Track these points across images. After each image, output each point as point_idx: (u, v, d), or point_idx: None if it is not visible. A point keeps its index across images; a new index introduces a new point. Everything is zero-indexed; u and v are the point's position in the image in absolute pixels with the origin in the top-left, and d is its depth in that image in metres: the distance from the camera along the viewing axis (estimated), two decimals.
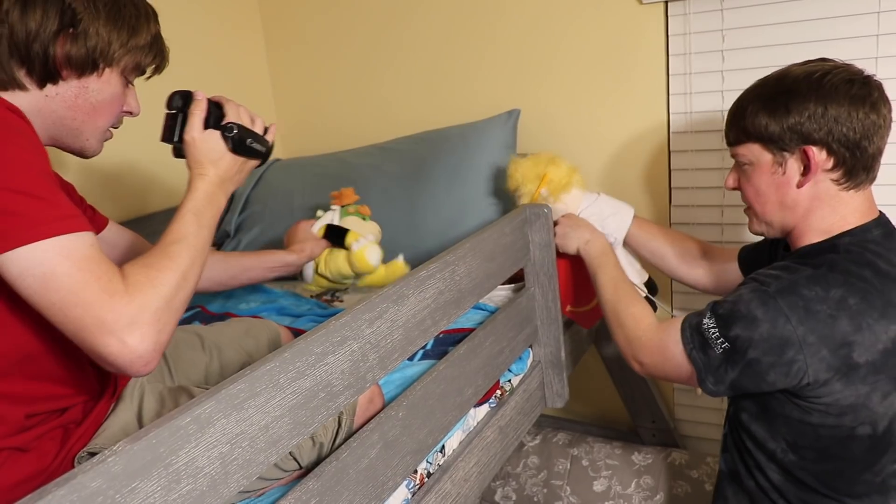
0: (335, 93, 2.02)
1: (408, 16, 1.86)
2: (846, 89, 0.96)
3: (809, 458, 1.00)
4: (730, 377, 0.98)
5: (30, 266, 0.65)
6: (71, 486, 0.50)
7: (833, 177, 0.99)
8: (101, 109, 0.87)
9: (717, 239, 1.60)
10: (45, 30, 0.79)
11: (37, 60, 0.80)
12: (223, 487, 0.63)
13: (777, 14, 1.43)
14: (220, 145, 0.89)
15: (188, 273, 0.76)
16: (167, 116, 0.91)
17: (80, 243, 0.68)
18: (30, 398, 0.76)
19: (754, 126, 1.01)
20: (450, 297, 1.00)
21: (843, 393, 0.94)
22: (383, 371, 0.85)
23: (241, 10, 2.02)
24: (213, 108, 0.91)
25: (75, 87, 0.84)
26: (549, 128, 1.71)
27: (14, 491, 0.73)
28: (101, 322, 0.66)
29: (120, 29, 0.84)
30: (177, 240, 0.78)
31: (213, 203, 0.86)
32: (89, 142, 0.88)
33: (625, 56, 1.61)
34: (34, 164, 0.69)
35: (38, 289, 0.66)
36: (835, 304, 0.92)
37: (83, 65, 0.83)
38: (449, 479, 0.99)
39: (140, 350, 0.67)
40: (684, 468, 1.62)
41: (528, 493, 1.71)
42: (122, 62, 0.86)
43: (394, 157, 1.69)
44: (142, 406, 0.87)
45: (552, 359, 1.32)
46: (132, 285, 0.69)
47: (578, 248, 1.30)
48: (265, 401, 0.67)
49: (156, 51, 0.90)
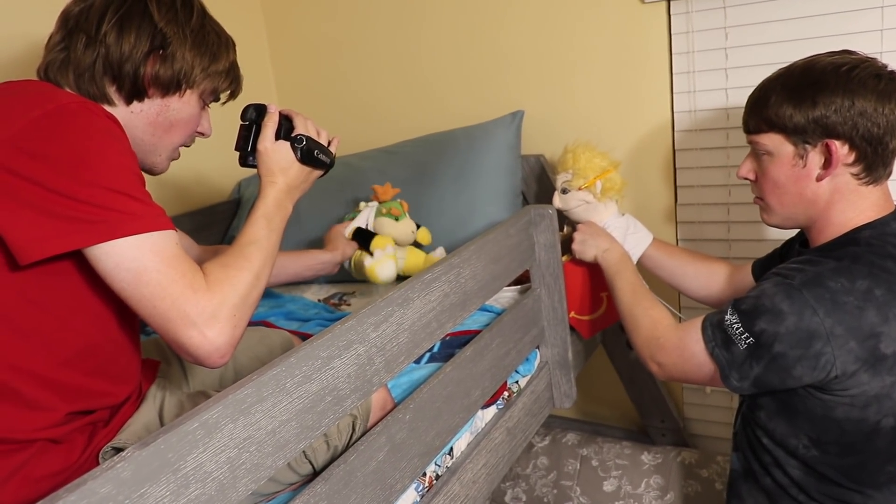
0: (339, 97, 2.03)
1: (411, 19, 1.86)
2: (874, 84, 0.95)
3: (833, 453, 1.00)
4: (755, 372, 0.97)
5: (124, 260, 0.71)
6: (81, 492, 0.51)
7: (853, 171, 0.99)
8: (178, 128, 0.93)
9: (724, 237, 1.60)
10: (137, 51, 0.86)
11: (127, 79, 0.86)
12: (231, 492, 0.63)
13: (780, 10, 1.42)
14: (289, 155, 0.96)
15: (261, 273, 0.82)
16: (241, 127, 0.98)
17: (169, 241, 0.74)
18: (78, 392, 0.79)
19: (778, 116, 1.00)
20: (455, 300, 1.00)
21: (870, 384, 0.93)
22: (389, 374, 0.86)
23: (245, 12, 2.03)
24: (283, 120, 0.97)
25: (158, 105, 0.90)
26: (554, 128, 1.71)
27: (41, 483, 0.75)
28: (185, 315, 0.72)
29: (203, 55, 0.91)
30: (250, 242, 0.84)
31: (282, 209, 0.92)
32: (160, 157, 0.94)
33: (628, 55, 1.60)
34: (130, 167, 0.76)
35: (130, 282, 0.71)
36: (861, 295, 0.91)
37: (168, 85, 0.89)
38: (457, 480, 0.99)
39: (218, 342, 0.73)
40: (694, 467, 1.61)
41: (538, 493, 1.71)
42: (201, 85, 0.92)
43: (399, 161, 1.69)
44: (163, 406, 0.89)
45: (559, 359, 1.32)
46: (213, 283, 0.75)
47: (596, 256, 1.30)
48: (272, 405, 0.68)
49: (232, 77, 0.97)
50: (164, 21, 0.87)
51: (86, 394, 0.80)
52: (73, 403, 0.78)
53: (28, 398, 0.74)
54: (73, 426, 0.78)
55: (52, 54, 0.87)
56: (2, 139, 0.70)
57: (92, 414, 0.81)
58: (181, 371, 1.07)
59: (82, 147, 0.72)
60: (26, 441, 0.74)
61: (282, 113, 0.98)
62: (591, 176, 1.35)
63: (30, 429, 0.74)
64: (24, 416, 0.74)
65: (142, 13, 0.86)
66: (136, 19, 0.86)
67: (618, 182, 1.38)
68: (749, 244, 1.57)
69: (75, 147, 0.72)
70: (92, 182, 0.71)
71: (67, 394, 0.77)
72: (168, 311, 0.72)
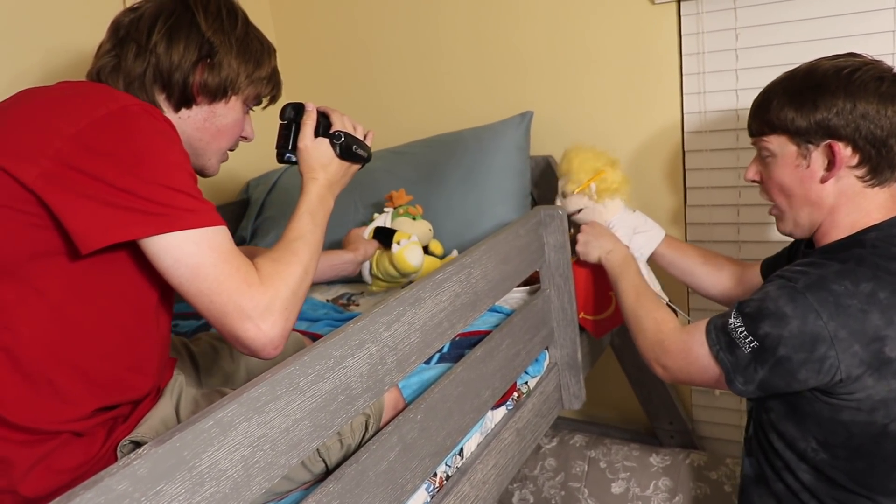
0: (348, 98, 2.03)
1: (421, 21, 1.86)
2: (876, 87, 0.95)
3: (841, 457, 0.99)
4: (759, 376, 0.96)
5: (183, 256, 0.74)
6: (98, 489, 0.51)
7: (858, 173, 0.98)
8: (224, 133, 0.96)
9: (734, 238, 1.59)
10: (185, 61, 0.89)
11: (176, 87, 0.90)
12: (245, 490, 0.63)
13: (791, 11, 1.42)
14: (329, 152, 0.99)
15: (308, 267, 0.85)
16: (281, 126, 1.01)
17: (224, 237, 0.77)
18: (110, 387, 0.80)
19: (780, 119, 1.00)
20: (466, 300, 1.00)
21: (875, 388, 0.92)
22: (401, 374, 0.86)
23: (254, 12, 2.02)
24: (320, 117, 1.00)
25: (205, 112, 0.93)
26: (563, 129, 1.71)
27: (61, 475, 0.76)
28: (241, 309, 0.75)
29: (247, 62, 0.94)
30: (297, 237, 0.87)
31: (324, 204, 0.95)
32: (210, 161, 0.97)
33: (637, 56, 1.60)
34: (186, 167, 0.79)
35: (189, 277, 0.74)
36: (865, 298, 0.90)
37: (215, 92, 0.92)
38: (467, 481, 0.99)
39: (271, 335, 0.77)
40: (703, 469, 1.61)
41: (545, 495, 1.70)
42: (245, 91, 0.95)
43: (407, 161, 1.70)
44: (179, 402, 0.90)
45: (569, 360, 1.32)
46: (265, 277, 0.78)
47: (600, 258, 1.30)
48: (285, 404, 0.68)
49: (274, 83, 1.00)
50: (211, 30, 0.90)
51: (117, 388, 0.81)
52: (102, 399, 0.79)
53: (61, 390, 0.75)
54: (97, 420, 0.79)
55: (103, 60, 0.90)
56: (67, 135, 0.73)
57: (116, 409, 0.82)
58: (193, 370, 1.07)
59: (143, 146, 0.75)
60: (52, 432, 0.75)
61: (319, 110, 1.00)
62: (583, 179, 1.35)
63: (57, 420, 0.75)
64: (53, 408, 0.75)
65: (190, 23, 0.90)
66: (185, 29, 0.89)
67: (616, 180, 1.35)
68: (759, 246, 1.57)
69: (136, 146, 0.75)
70: (152, 179, 0.74)
71: (99, 388, 0.79)
72: (225, 305, 0.75)
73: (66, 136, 0.72)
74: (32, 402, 0.74)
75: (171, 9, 0.90)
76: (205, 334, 1.17)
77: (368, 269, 1.47)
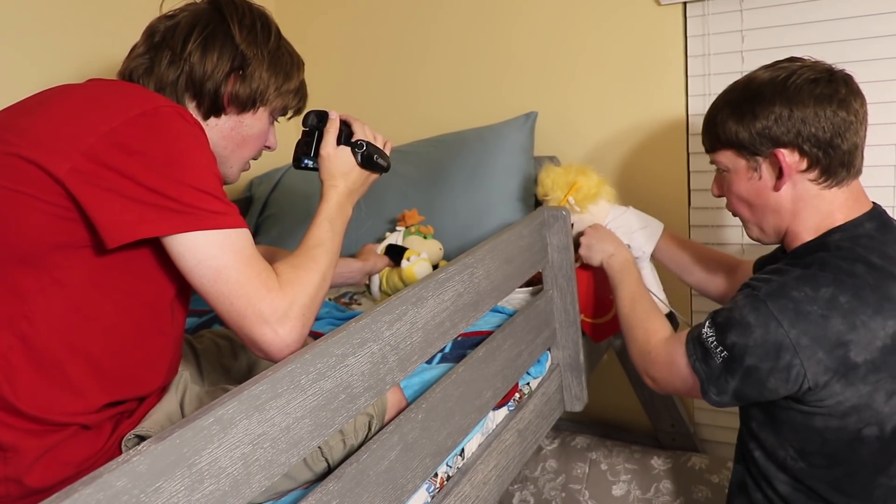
0: (351, 98, 2.03)
1: (424, 20, 1.86)
2: (811, 89, 0.95)
3: (819, 465, 0.98)
4: (731, 386, 0.96)
5: (206, 257, 0.75)
6: (97, 485, 0.51)
7: (810, 177, 0.98)
8: (249, 142, 0.97)
9: (738, 242, 1.59)
10: (218, 71, 0.90)
11: (207, 96, 0.91)
12: (245, 488, 0.63)
13: (797, 14, 1.42)
14: (350, 160, 0.99)
15: (326, 274, 0.85)
16: (304, 133, 1.01)
17: (247, 240, 0.78)
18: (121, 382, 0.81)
19: (725, 133, 1.02)
20: (468, 300, 1.00)
21: (845, 394, 0.92)
22: (403, 373, 0.85)
23: None
24: (343, 126, 1.00)
25: (233, 121, 0.94)
26: (567, 130, 1.71)
27: (67, 468, 0.76)
28: (259, 313, 0.76)
29: (277, 74, 0.96)
30: (317, 244, 0.88)
31: (343, 212, 0.95)
32: (232, 169, 0.98)
33: (643, 57, 1.60)
34: (213, 170, 0.80)
35: (210, 278, 0.75)
36: (825, 303, 0.90)
37: (245, 103, 0.94)
38: (468, 481, 0.99)
39: (289, 340, 0.77)
40: (704, 472, 1.60)
41: (546, 497, 1.70)
42: (273, 103, 0.97)
43: (411, 161, 1.69)
44: (184, 397, 0.90)
45: (571, 362, 1.31)
46: (285, 283, 0.79)
47: (602, 261, 1.29)
48: (286, 402, 0.68)
49: (301, 95, 1.02)
50: (244, 42, 0.91)
51: (128, 384, 0.82)
52: (112, 393, 0.79)
53: (73, 382, 0.76)
54: (106, 415, 0.80)
55: (136, 62, 0.91)
56: (101, 132, 0.73)
57: (123, 404, 0.83)
58: (195, 367, 1.07)
59: (174, 147, 0.76)
60: (61, 424, 0.75)
61: (341, 118, 1.01)
62: (560, 195, 1.35)
63: (67, 412, 0.76)
64: (64, 400, 0.75)
65: (224, 34, 0.91)
66: (220, 40, 0.90)
67: (591, 185, 1.35)
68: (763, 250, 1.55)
69: (167, 147, 0.76)
70: (181, 180, 0.75)
71: (111, 383, 0.79)
72: (244, 309, 0.75)
73: (99, 133, 0.73)
74: (45, 392, 0.74)
75: (207, 19, 0.91)
76: (207, 331, 1.17)
77: (378, 286, 1.49)
